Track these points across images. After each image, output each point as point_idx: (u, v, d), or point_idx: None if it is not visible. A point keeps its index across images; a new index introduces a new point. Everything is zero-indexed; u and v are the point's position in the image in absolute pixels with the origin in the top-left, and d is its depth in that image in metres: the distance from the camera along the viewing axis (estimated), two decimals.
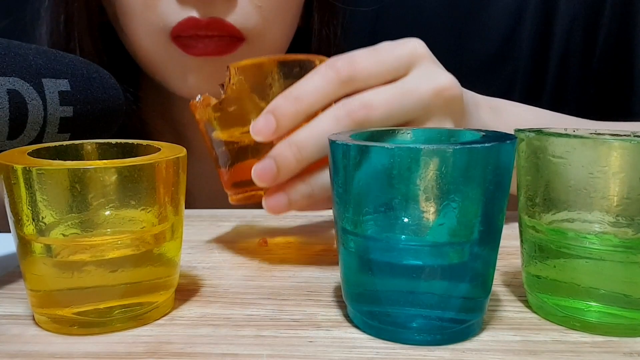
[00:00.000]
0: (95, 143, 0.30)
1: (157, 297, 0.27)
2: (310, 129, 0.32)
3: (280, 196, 0.33)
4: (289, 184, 0.33)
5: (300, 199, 0.33)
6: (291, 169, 0.32)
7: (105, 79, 0.38)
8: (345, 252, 0.26)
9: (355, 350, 0.24)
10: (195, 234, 0.41)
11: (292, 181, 0.33)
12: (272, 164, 0.32)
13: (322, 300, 0.30)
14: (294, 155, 0.32)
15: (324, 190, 0.33)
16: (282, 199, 0.33)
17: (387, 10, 0.72)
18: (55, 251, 0.25)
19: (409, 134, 0.30)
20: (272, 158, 0.32)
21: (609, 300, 0.26)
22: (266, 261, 0.36)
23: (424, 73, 0.34)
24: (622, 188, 0.25)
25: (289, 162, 0.32)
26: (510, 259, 0.35)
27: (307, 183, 0.33)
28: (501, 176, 0.24)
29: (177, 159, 0.27)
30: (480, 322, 0.26)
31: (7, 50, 0.32)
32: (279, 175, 0.32)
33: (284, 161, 0.32)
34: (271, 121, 0.32)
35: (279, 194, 0.33)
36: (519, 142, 0.28)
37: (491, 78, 0.74)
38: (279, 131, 0.32)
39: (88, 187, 0.24)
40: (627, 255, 0.25)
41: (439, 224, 0.24)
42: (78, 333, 0.26)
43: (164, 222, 0.27)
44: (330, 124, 0.32)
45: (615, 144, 0.24)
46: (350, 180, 0.25)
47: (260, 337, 0.26)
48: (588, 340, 0.25)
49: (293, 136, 0.32)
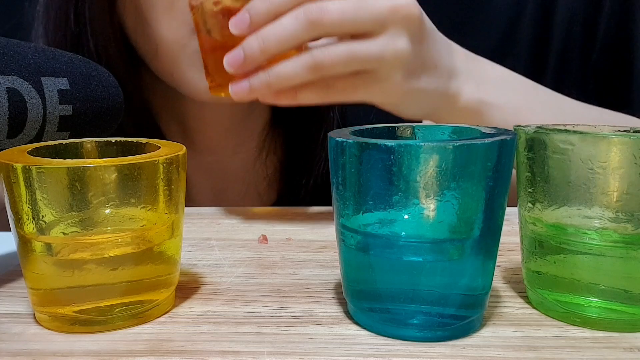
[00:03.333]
0: (94, 141, 0.30)
1: (157, 295, 0.27)
2: (275, 25, 0.38)
3: (244, 82, 0.39)
4: (252, 72, 0.39)
5: (259, 85, 0.39)
6: (255, 57, 0.38)
7: (104, 78, 0.38)
8: (345, 249, 0.26)
9: (356, 347, 0.24)
10: (196, 232, 0.41)
11: (255, 71, 0.39)
12: (241, 52, 0.38)
13: (323, 297, 0.30)
14: (259, 45, 0.38)
15: (282, 80, 0.38)
16: (244, 84, 0.39)
17: None
18: (55, 250, 0.25)
19: (409, 130, 0.30)
20: (241, 47, 0.38)
21: (609, 295, 0.26)
22: (266, 259, 0.36)
23: None
24: (622, 183, 0.25)
25: (254, 51, 0.38)
26: (511, 255, 0.36)
27: (266, 72, 0.38)
28: (501, 172, 0.24)
29: (177, 156, 0.27)
30: (481, 318, 0.26)
31: (6, 49, 0.32)
32: (245, 63, 0.38)
33: (249, 50, 0.38)
34: (246, 17, 0.38)
35: (242, 81, 0.39)
36: (519, 137, 0.28)
37: None
38: (252, 26, 0.38)
39: (88, 185, 0.24)
40: (626, 251, 0.25)
41: (439, 220, 0.24)
42: (79, 331, 0.26)
43: (164, 220, 0.27)
44: (291, 21, 0.37)
45: (615, 139, 0.24)
46: (350, 177, 0.25)
47: (261, 334, 0.26)
48: (588, 336, 0.25)
49: (260, 30, 0.38)
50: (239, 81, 0.39)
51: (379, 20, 0.38)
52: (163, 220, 0.27)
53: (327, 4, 0.37)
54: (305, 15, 0.37)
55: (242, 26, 0.38)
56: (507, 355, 0.24)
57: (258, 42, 0.38)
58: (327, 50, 0.38)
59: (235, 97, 0.39)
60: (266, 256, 0.36)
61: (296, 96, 0.40)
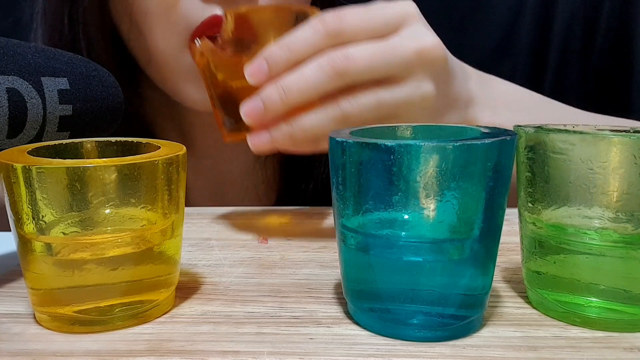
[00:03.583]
0: (94, 141, 0.30)
1: (157, 295, 0.27)
2: (297, 75, 0.35)
3: (263, 134, 0.37)
4: (273, 123, 0.36)
5: (281, 138, 0.36)
6: (276, 108, 0.35)
7: (104, 77, 0.38)
8: (345, 249, 0.26)
9: (356, 347, 0.24)
10: (196, 232, 0.41)
11: (275, 121, 0.36)
12: (260, 103, 0.35)
13: (323, 297, 0.30)
14: (280, 96, 0.35)
15: (304, 132, 0.36)
16: (264, 136, 0.37)
17: None
18: (55, 250, 0.25)
19: (409, 130, 0.30)
20: (260, 98, 0.36)
21: (609, 295, 0.26)
22: (266, 259, 0.36)
23: (410, 33, 0.37)
24: (622, 183, 0.25)
25: (274, 102, 0.35)
26: (511, 255, 0.36)
27: (289, 124, 0.36)
28: (501, 173, 0.24)
29: (177, 156, 0.27)
30: (481, 318, 0.26)
31: (6, 49, 0.32)
32: (265, 114, 0.36)
33: (270, 101, 0.35)
34: (264, 66, 0.35)
35: (262, 132, 0.37)
36: (519, 138, 0.28)
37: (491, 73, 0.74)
38: (270, 75, 0.35)
39: (88, 185, 0.24)
40: (627, 251, 0.25)
41: (439, 220, 0.24)
42: (79, 331, 0.26)
43: (164, 220, 0.27)
44: (314, 71, 0.35)
45: (615, 139, 0.24)
46: (350, 177, 0.25)
47: (261, 334, 0.26)
48: (588, 336, 0.25)
49: (281, 80, 0.35)
50: (258, 133, 0.37)
51: (405, 65, 0.36)
52: (163, 220, 0.27)
53: (352, 51, 0.35)
54: (330, 64, 0.35)
55: (260, 75, 0.35)
56: (507, 355, 0.24)
57: (279, 93, 0.35)
58: (355, 101, 0.36)
59: (254, 149, 0.37)
60: (266, 256, 0.36)
61: (318, 144, 0.38)
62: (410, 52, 0.36)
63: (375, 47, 0.36)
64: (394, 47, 0.36)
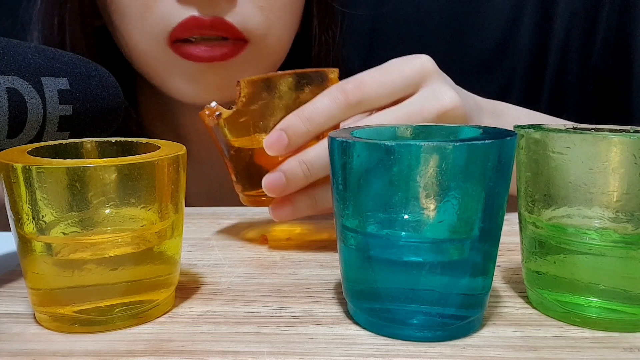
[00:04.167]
0: (94, 141, 0.30)
1: (157, 295, 0.27)
2: (320, 149, 0.35)
3: (287, 207, 0.36)
4: (295, 195, 0.36)
5: (304, 210, 0.36)
6: (299, 184, 0.35)
7: (104, 77, 0.38)
8: (345, 249, 0.26)
9: (356, 347, 0.24)
10: (196, 232, 0.41)
11: (298, 193, 0.36)
12: (282, 177, 0.35)
13: (323, 297, 0.30)
14: (303, 172, 0.35)
15: (326, 202, 0.36)
16: (287, 209, 0.36)
17: (386, 8, 0.72)
18: (55, 250, 0.25)
19: (409, 130, 0.30)
20: (282, 172, 0.35)
21: (609, 295, 0.26)
22: (266, 258, 0.36)
23: (430, 93, 0.36)
24: (622, 183, 0.25)
25: (298, 178, 0.35)
26: (511, 255, 0.36)
27: (311, 196, 0.36)
28: (501, 173, 0.24)
29: (177, 156, 0.27)
30: (481, 318, 0.26)
31: (6, 49, 0.32)
32: (287, 189, 0.35)
33: (293, 176, 0.35)
34: (283, 138, 0.34)
35: (285, 205, 0.36)
36: (519, 138, 0.27)
37: (490, 74, 0.74)
38: (290, 148, 0.35)
39: (88, 185, 0.24)
40: (627, 251, 0.25)
41: (439, 220, 0.24)
42: (79, 331, 0.26)
43: (164, 220, 0.27)
44: None
45: (615, 139, 0.24)
46: (350, 177, 0.25)
47: (261, 334, 0.26)
48: (588, 336, 0.25)
49: (303, 154, 0.35)
50: (282, 206, 0.36)
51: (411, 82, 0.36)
52: (163, 220, 0.27)
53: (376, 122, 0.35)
54: None
55: (279, 148, 0.34)
56: (507, 355, 0.24)
57: (302, 169, 0.35)
58: None
59: (277, 219, 0.37)
60: (266, 256, 0.36)
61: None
62: (432, 114, 0.36)
63: (397, 115, 0.35)
64: (416, 113, 0.36)
